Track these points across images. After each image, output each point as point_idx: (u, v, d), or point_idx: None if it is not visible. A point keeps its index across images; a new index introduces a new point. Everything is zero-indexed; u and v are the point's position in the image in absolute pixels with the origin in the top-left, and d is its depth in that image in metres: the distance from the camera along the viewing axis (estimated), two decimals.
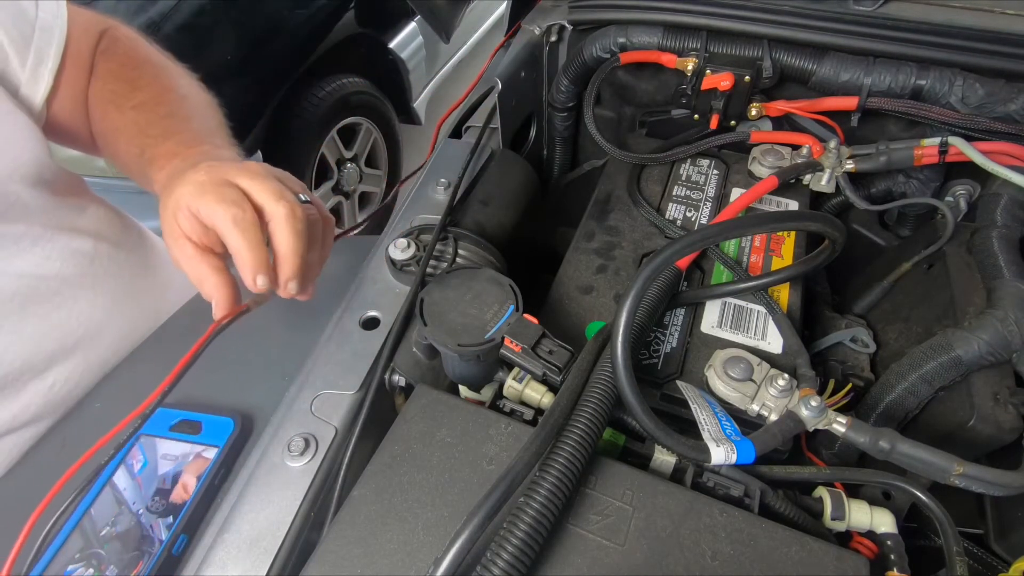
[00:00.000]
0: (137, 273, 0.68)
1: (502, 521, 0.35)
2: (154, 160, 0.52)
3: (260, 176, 0.45)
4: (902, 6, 0.67)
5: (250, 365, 0.56)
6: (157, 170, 0.52)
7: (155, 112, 0.57)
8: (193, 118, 0.58)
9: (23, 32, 0.55)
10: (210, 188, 0.43)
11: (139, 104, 0.58)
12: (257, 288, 0.43)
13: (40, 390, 0.57)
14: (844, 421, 0.44)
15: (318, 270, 0.49)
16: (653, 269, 0.44)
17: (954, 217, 0.62)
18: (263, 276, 0.43)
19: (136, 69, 0.61)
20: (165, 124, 0.56)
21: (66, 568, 0.43)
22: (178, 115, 0.57)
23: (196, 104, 0.61)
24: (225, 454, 0.48)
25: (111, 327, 0.63)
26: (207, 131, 0.57)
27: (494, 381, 0.49)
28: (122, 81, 0.60)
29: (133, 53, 0.63)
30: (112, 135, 0.59)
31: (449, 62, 2.43)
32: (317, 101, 1.70)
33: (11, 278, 0.55)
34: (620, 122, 0.86)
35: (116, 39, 0.63)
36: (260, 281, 0.43)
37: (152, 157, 0.53)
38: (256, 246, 0.43)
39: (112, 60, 0.62)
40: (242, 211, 0.43)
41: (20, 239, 0.56)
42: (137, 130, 0.56)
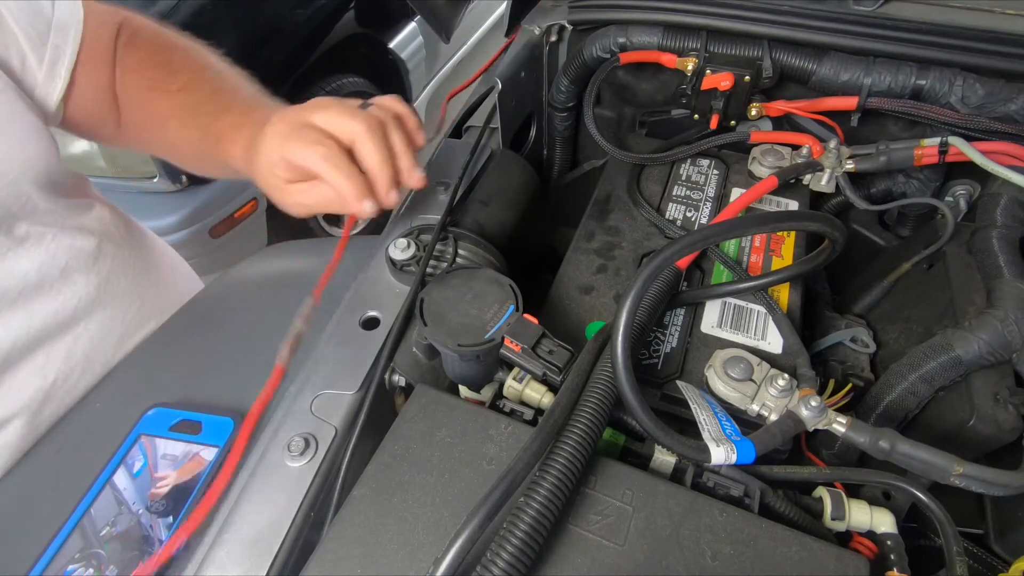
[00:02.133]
0: (139, 272, 0.68)
1: (502, 521, 0.35)
2: (222, 136, 0.55)
3: (329, 107, 0.48)
4: (902, 6, 0.67)
5: (250, 365, 0.56)
6: (230, 144, 0.54)
7: (201, 91, 0.59)
8: (239, 88, 0.60)
9: (40, 31, 0.56)
10: (293, 134, 0.47)
11: (182, 87, 0.59)
12: (367, 213, 0.47)
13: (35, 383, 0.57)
14: (844, 421, 0.44)
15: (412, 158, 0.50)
16: (653, 269, 0.44)
17: (954, 217, 0.62)
18: (368, 200, 0.47)
19: (166, 53, 0.62)
20: (217, 100, 0.58)
21: (66, 568, 0.43)
22: (225, 89, 0.59)
23: (234, 75, 0.62)
24: (225, 454, 0.48)
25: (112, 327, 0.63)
26: (256, 96, 0.59)
27: (494, 381, 0.49)
28: (157, 67, 0.61)
29: (157, 39, 0.64)
30: (159, 121, 0.61)
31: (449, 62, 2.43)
32: None
33: (16, 276, 0.55)
34: (620, 122, 0.86)
35: (135, 30, 0.64)
36: (367, 205, 0.47)
37: (218, 134, 0.56)
38: (352, 174, 0.46)
39: (140, 50, 0.62)
40: (326, 147, 0.46)
41: (25, 238, 0.56)
42: (190, 112, 0.58)
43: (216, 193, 1.55)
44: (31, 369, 0.56)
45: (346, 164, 0.46)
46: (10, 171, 0.53)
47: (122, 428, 0.51)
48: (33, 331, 0.56)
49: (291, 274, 0.70)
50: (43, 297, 0.57)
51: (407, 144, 0.50)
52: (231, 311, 0.63)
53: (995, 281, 0.53)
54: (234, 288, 0.64)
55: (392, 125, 0.49)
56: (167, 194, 1.51)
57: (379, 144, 0.47)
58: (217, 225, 1.57)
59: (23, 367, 0.56)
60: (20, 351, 0.56)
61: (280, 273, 0.70)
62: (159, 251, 0.76)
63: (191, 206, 1.51)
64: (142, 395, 0.54)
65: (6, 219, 0.54)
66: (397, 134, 0.49)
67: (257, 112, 0.55)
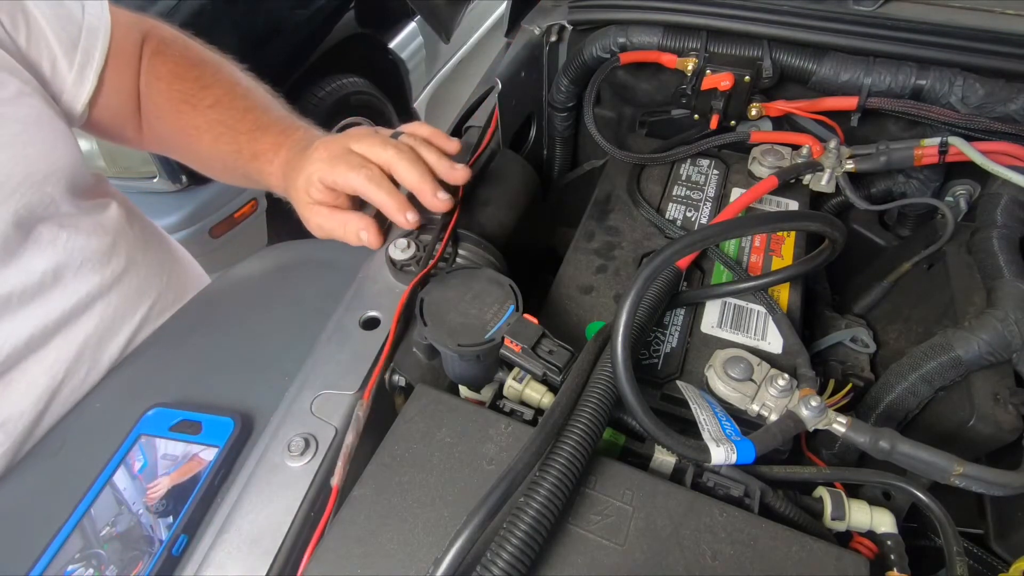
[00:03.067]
0: (151, 270, 0.69)
1: (502, 521, 0.35)
2: (258, 155, 0.60)
3: (365, 138, 0.54)
4: (902, 6, 0.67)
5: (250, 365, 0.56)
6: (266, 163, 0.60)
7: (234, 108, 0.63)
8: (270, 108, 0.64)
9: (70, 34, 0.58)
10: (338, 160, 0.52)
11: (214, 103, 0.63)
12: (409, 224, 0.53)
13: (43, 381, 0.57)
14: (844, 421, 0.44)
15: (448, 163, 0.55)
16: (653, 269, 0.44)
17: (954, 217, 0.62)
18: (411, 212, 0.52)
19: (196, 68, 0.66)
20: (252, 119, 0.62)
21: (66, 568, 0.43)
22: (258, 107, 0.64)
23: (262, 94, 0.67)
24: (225, 454, 0.48)
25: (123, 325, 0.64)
26: (290, 117, 0.64)
27: (494, 381, 0.49)
28: (188, 81, 0.64)
29: (187, 52, 0.67)
30: (190, 133, 0.64)
31: (449, 62, 2.43)
32: (317, 101, 1.70)
33: (34, 275, 0.56)
34: (620, 122, 0.86)
35: (164, 40, 0.67)
36: (410, 216, 0.52)
37: (254, 152, 0.61)
38: (392, 192, 0.52)
39: (169, 61, 0.66)
40: (369, 170, 0.52)
41: (43, 238, 0.57)
42: (224, 128, 0.62)
43: (216, 193, 1.55)
44: (40, 368, 0.57)
45: (387, 184, 0.52)
46: (36, 173, 0.54)
47: (122, 428, 0.51)
48: (45, 328, 0.57)
49: (291, 274, 0.69)
50: (56, 295, 0.58)
51: (440, 155, 0.55)
52: (231, 311, 0.63)
53: (995, 281, 0.53)
54: (234, 288, 0.63)
55: (422, 146, 0.55)
56: (167, 194, 1.51)
57: (414, 163, 0.52)
58: (217, 225, 1.58)
59: (33, 364, 0.56)
60: (31, 348, 0.56)
61: (280, 273, 0.70)
62: (171, 249, 0.77)
63: (191, 206, 1.51)
64: (142, 395, 0.54)
65: (29, 220, 0.55)
66: (429, 151, 0.54)
67: (296, 134, 0.60)
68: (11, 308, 0.54)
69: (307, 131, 0.61)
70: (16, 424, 0.55)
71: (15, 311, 0.55)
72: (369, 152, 0.53)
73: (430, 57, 2.19)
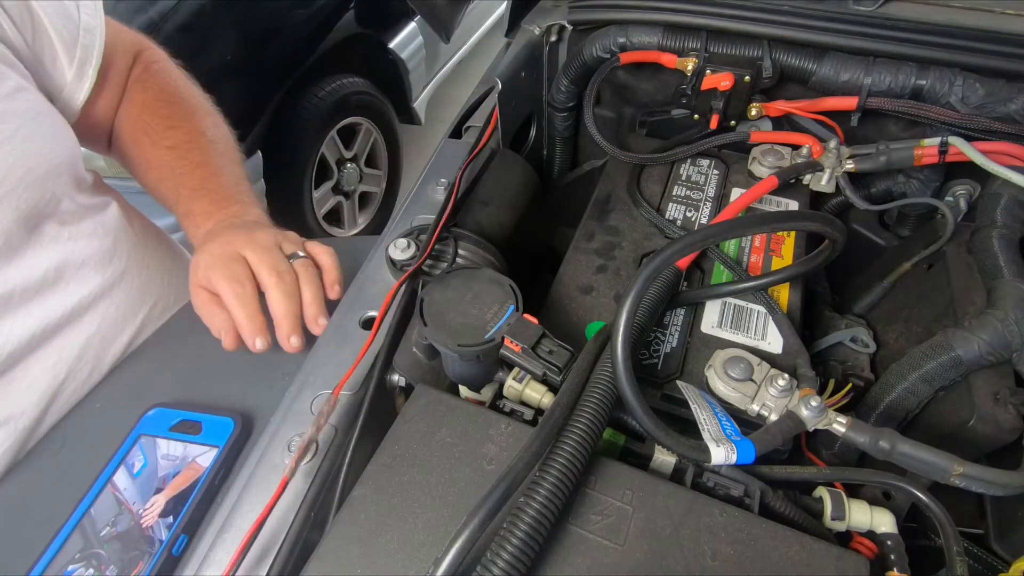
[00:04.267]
0: (153, 270, 0.69)
1: (502, 521, 0.35)
2: (190, 215, 0.62)
3: (262, 250, 0.55)
4: (902, 6, 0.67)
5: (250, 365, 0.56)
6: (193, 227, 0.62)
7: (188, 160, 0.65)
8: (223, 171, 0.66)
9: (71, 31, 0.59)
10: (221, 263, 0.54)
11: (173, 146, 0.65)
12: (256, 348, 0.52)
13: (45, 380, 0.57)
14: (844, 421, 0.44)
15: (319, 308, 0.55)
16: (653, 269, 0.44)
17: (954, 217, 0.62)
18: (260, 338, 0.52)
19: (170, 105, 0.68)
20: (199, 177, 0.64)
21: (66, 568, 0.43)
22: (209, 166, 0.65)
23: (223, 151, 0.68)
24: (225, 454, 0.48)
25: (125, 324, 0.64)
26: (235, 187, 0.65)
27: (494, 381, 0.49)
28: (157, 116, 0.66)
29: (167, 87, 0.69)
30: (144, 165, 0.67)
31: (449, 62, 2.43)
32: (317, 101, 1.70)
33: (36, 272, 0.56)
34: (620, 122, 0.86)
35: (150, 69, 0.69)
36: (259, 343, 0.52)
37: (187, 212, 0.62)
38: (252, 316, 0.52)
39: (147, 91, 0.68)
40: (242, 287, 0.52)
41: (45, 235, 0.57)
42: (171, 173, 0.65)
43: None
44: (41, 367, 0.57)
45: (251, 305, 0.52)
46: (37, 168, 0.54)
47: (122, 428, 0.51)
48: (46, 327, 0.57)
49: None
50: (58, 294, 0.58)
51: (317, 297, 0.55)
52: None
53: (995, 281, 0.53)
54: None
55: (308, 278, 0.55)
56: None
57: (287, 297, 0.53)
58: None
59: (35, 363, 0.56)
60: (32, 347, 0.56)
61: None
62: (173, 249, 0.77)
63: None
64: (142, 395, 0.54)
65: (33, 217, 0.55)
66: (310, 287, 0.54)
67: (230, 208, 0.62)
68: (13, 306, 0.54)
69: (242, 207, 0.63)
70: (17, 423, 0.55)
71: (17, 309, 0.55)
72: (256, 265, 0.54)
73: (430, 57, 2.19)
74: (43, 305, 0.57)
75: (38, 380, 0.56)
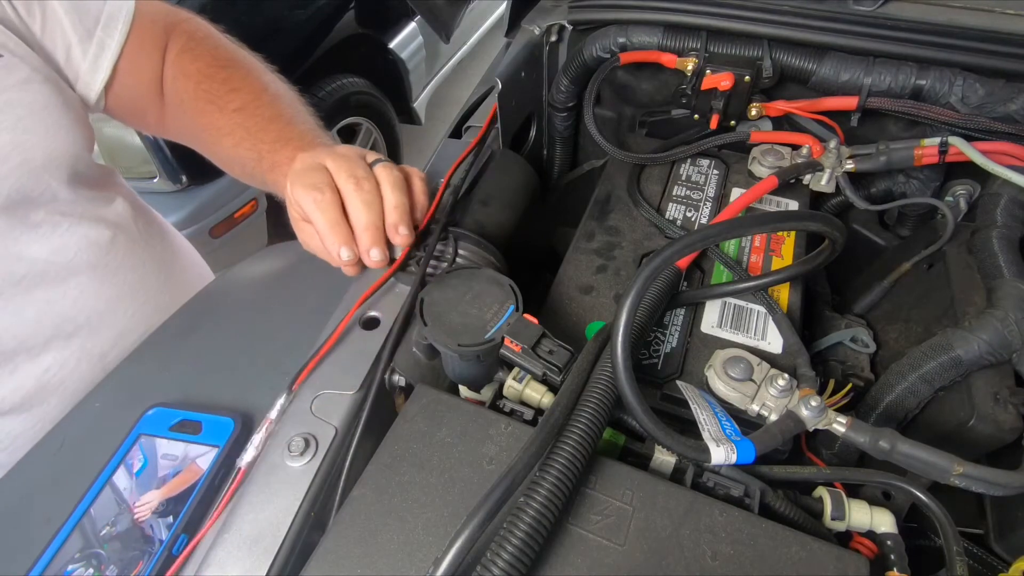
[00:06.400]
0: (151, 268, 0.69)
1: (502, 521, 0.35)
2: (277, 166, 0.60)
3: (342, 157, 0.51)
4: (902, 6, 0.67)
5: (250, 365, 0.56)
6: (283, 176, 0.57)
7: (259, 115, 0.63)
8: (295, 119, 0.64)
9: (87, 23, 0.59)
10: (300, 176, 0.51)
11: (240, 107, 0.63)
12: (341, 260, 0.49)
13: (34, 373, 0.58)
14: (844, 421, 0.44)
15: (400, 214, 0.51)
16: (653, 269, 0.44)
17: (954, 217, 0.62)
18: (346, 248, 0.49)
19: (226, 69, 0.66)
20: (275, 130, 0.62)
21: (66, 568, 0.43)
22: (282, 117, 0.63)
23: (290, 102, 0.67)
24: (225, 454, 0.48)
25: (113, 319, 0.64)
26: (313, 132, 0.63)
27: (494, 381, 0.49)
28: (216, 82, 0.65)
29: (217, 51, 0.68)
30: (212, 133, 0.65)
31: (449, 62, 2.43)
32: (317, 101, 1.70)
33: (24, 262, 0.56)
34: (620, 122, 0.86)
35: (195, 36, 0.68)
36: (344, 253, 0.49)
37: (273, 163, 0.60)
38: (333, 224, 0.49)
39: (199, 59, 0.66)
40: (321, 193, 0.49)
41: (39, 225, 0.57)
42: (247, 134, 0.62)
43: (216, 193, 1.55)
44: (26, 356, 0.57)
45: (332, 213, 0.49)
46: (33, 160, 0.54)
47: (122, 428, 0.51)
48: (34, 320, 0.57)
49: (291, 274, 0.69)
50: (48, 286, 0.58)
51: (400, 203, 0.51)
52: (231, 311, 0.63)
53: (995, 281, 0.53)
54: (234, 288, 0.64)
55: (391, 181, 0.51)
56: (167, 194, 1.51)
57: (367, 206, 0.49)
58: (217, 225, 1.58)
59: (19, 353, 0.56)
60: (17, 338, 0.56)
61: (280, 273, 0.70)
62: (177, 247, 0.77)
63: (191, 206, 1.51)
64: (142, 395, 0.54)
65: (23, 204, 0.55)
66: (393, 193, 0.50)
67: (315, 149, 0.57)
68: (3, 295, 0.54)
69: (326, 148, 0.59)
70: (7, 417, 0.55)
71: (8, 298, 0.55)
72: (336, 172, 0.51)
73: (430, 57, 2.19)
74: (30, 296, 0.57)
75: (27, 374, 0.56)
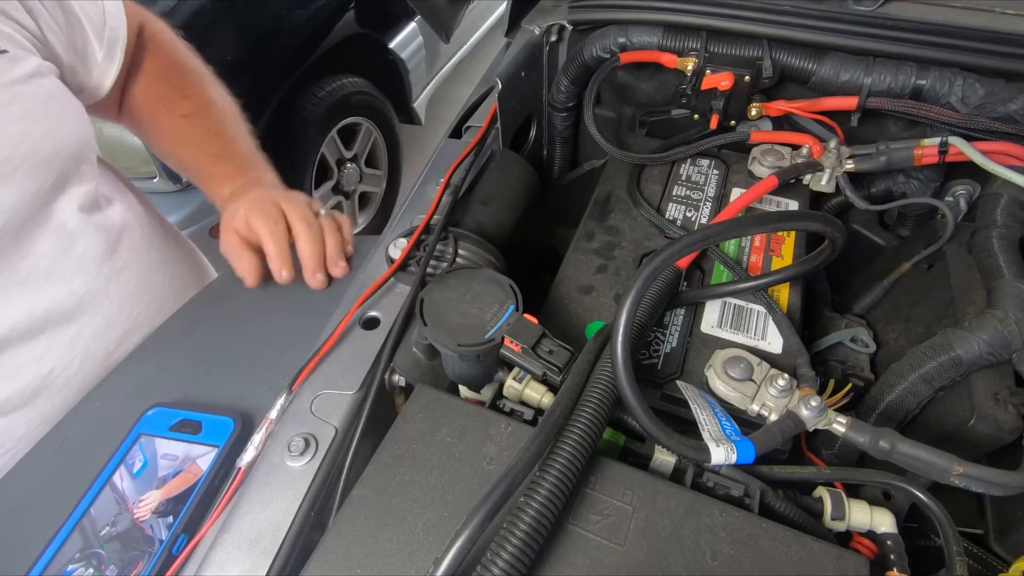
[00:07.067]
0: (154, 268, 0.70)
1: (502, 521, 0.35)
2: (213, 178, 0.68)
3: (296, 203, 0.63)
4: (902, 6, 0.67)
5: (250, 365, 0.56)
6: (218, 188, 0.68)
7: (204, 128, 0.70)
8: (238, 139, 0.72)
9: (98, 15, 0.62)
10: (261, 207, 0.61)
11: (189, 114, 0.70)
12: (282, 279, 0.60)
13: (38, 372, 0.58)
14: (844, 421, 0.44)
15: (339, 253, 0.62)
16: (653, 269, 0.44)
17: (954, 217, 0.62)
18: (287, 270, 0.60)
19: (181, 75, 0.72)
20: (218, 144, 0.70)
21: (66, 568, 0.43)
22: (225, 134, 0.71)
23: (234, 120, 0.73)
24: (225, 454, 0.48)
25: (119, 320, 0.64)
26: (251, 153, 0.72)
27: (494, 381, 0.49)
28: (170, 85, 0.71)
29: (176, 56, 0.73)
30: (160, 131, 0.71)
31: (449, 62, 2.43)
32: (317, 101, 1.70)
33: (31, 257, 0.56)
34: (620, 122, 0.86)
35: (157, 38, 0.72)
36: (285, 273, 0.60)
37: (211, 176, 0.69)
38: (282, 249, 0.60)
39: (157, 60, 0.71)
40: (277, 225, 0.60)
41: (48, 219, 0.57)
42: (191, 141, 0.70)
43: None
44: (30, 355, 0.57)
45: (284, 243, 0.60)
46: (44, 148, 0.55)
47: (122, 428, 0.51)
48: (36, 316, 0.57)
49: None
50: (52, 283, 0.58)
51: (339, 246, 0.63)
52: (231, 311, 0.63)
53: (995, 281, 0.53)
54: (234, 288, 0.64)
55: (332, 229, 0.63)
56: (167, 194, 1.51)
57: (314, 242, 0.60)
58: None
59: (22, 352, 0.56)
60: (20, 335, 0.56)
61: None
62: (181, 248, 0.78)
63: (191, 206, 1.51)
64: (142, 395, 0.54)
65: (38, 198, 0.56)
66: (333, 237, 0.62)
67: (250, 174, 0.68)
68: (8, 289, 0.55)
69: (260, 172, 0.70)
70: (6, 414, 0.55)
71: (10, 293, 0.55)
72: (288, 215, 0.61)
73: (430, 57, 2.19)
74: (37, 292, 0.57)
75: (26, 370, 0.56)
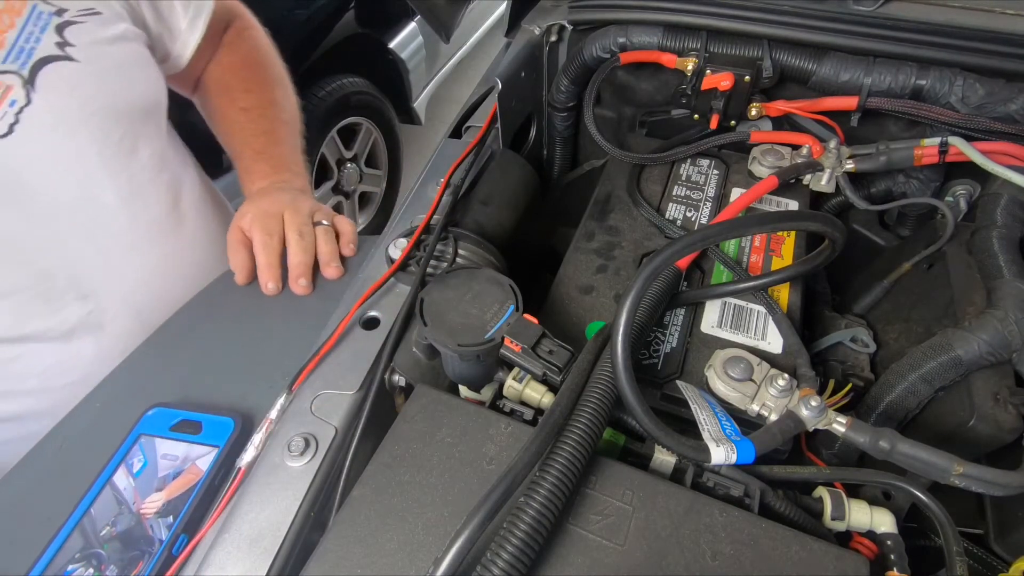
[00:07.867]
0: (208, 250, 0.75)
1: (502, 521, 0.35)
2: (249, 172, 0.73)
3: (297, 213, 0.65)
4: (902, 6, 0.67)
5: (250, 365, 0.56)
6: (249, 182, 0.73)
7: (256, 124, 0.75)
8: (283, 141, 0.76)
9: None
10: (263, 215, 0.65)
11: (246, 108, 0.76)
12: (268, 290, 0.62)
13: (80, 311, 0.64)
14: (844, 421, 0.44)
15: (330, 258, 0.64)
16: (653, 269, 0.44)
17: (954, 217, 0.62)
18: (273, 282, 0.62)
19: (250, 71, 0.78)
20: (262, 142, 0.74)
21: (66, 568, 0.43)
22: (274, 134, 0.75)
23: (288, 120, 0.78)
24: (225, 454, 0.48)
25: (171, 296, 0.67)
26: (291, 157, 0.76)
27: (494, 381, 0.49)
28: (237, 79, 0.77)
29: (251, 53, 0.80)
30: (219, 118, 0.77)
31: (449, 62, 2.43)
32: (317, 101, 1.70)
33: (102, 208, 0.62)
34: (620, 122, 0.86)
35: (241, 34, 0.80)
36: (270, 285, 0.62)
37: (247, 169, 0.73)
38: (271, 263, 0.62)
39: (234, 54, 0.78)
40: (271, 238, 0.63)
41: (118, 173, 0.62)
42: (238, 131, 0.75)
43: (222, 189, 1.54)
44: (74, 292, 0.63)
45: (273, 256, 0.62)
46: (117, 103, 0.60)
47: (122, 428, 0.51)
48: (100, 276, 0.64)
49: None
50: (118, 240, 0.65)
51: (331, 252, 0.64)
52: (232, 311, 0.63)
53: (995, 281, 0.53)
54: (234, 288, 0.64)
55: (325, 238, 0.65)
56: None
57: (304, 251, 0.63)
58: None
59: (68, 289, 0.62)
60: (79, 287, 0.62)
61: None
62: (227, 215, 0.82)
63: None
64: (142, 395, 0.54)
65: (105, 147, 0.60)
66: (325, 245, 0.64)
67: (284, 174, 0.72)
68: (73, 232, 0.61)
69: (292, 176, 0.74)
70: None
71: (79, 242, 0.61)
72: (286, 225, 0.64)
73: (430, 57, 2.19)
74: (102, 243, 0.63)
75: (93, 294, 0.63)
